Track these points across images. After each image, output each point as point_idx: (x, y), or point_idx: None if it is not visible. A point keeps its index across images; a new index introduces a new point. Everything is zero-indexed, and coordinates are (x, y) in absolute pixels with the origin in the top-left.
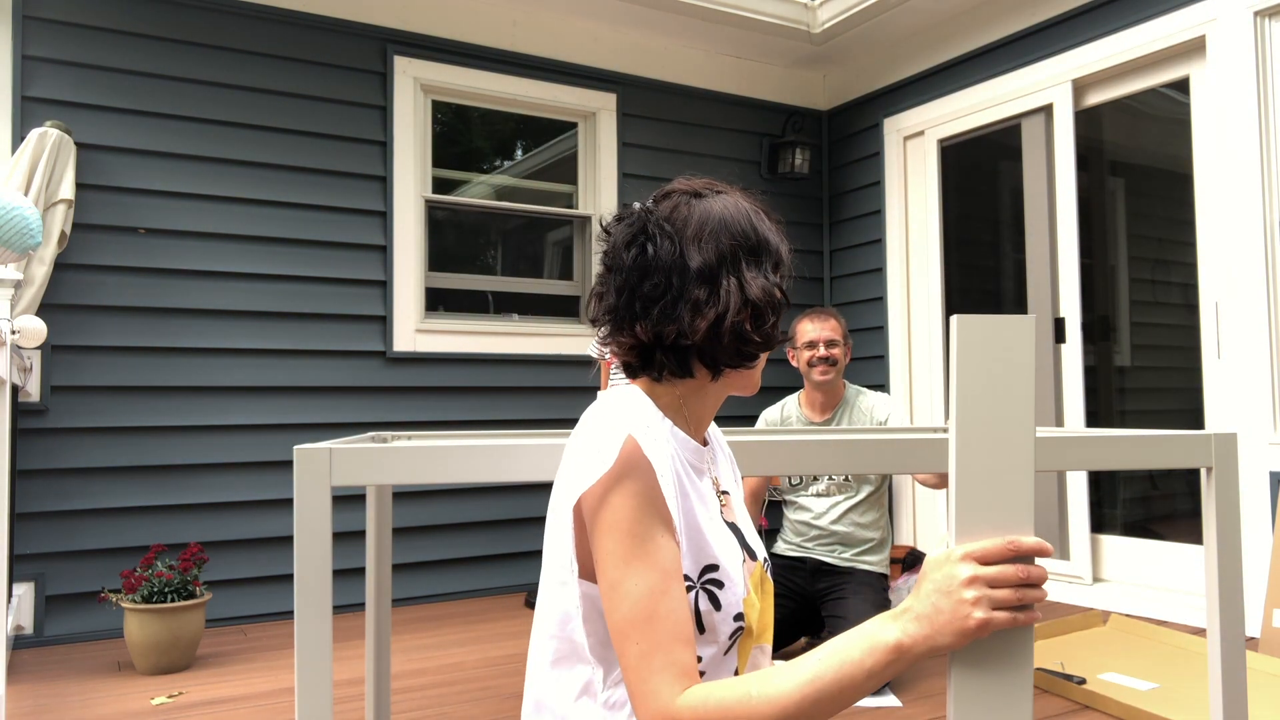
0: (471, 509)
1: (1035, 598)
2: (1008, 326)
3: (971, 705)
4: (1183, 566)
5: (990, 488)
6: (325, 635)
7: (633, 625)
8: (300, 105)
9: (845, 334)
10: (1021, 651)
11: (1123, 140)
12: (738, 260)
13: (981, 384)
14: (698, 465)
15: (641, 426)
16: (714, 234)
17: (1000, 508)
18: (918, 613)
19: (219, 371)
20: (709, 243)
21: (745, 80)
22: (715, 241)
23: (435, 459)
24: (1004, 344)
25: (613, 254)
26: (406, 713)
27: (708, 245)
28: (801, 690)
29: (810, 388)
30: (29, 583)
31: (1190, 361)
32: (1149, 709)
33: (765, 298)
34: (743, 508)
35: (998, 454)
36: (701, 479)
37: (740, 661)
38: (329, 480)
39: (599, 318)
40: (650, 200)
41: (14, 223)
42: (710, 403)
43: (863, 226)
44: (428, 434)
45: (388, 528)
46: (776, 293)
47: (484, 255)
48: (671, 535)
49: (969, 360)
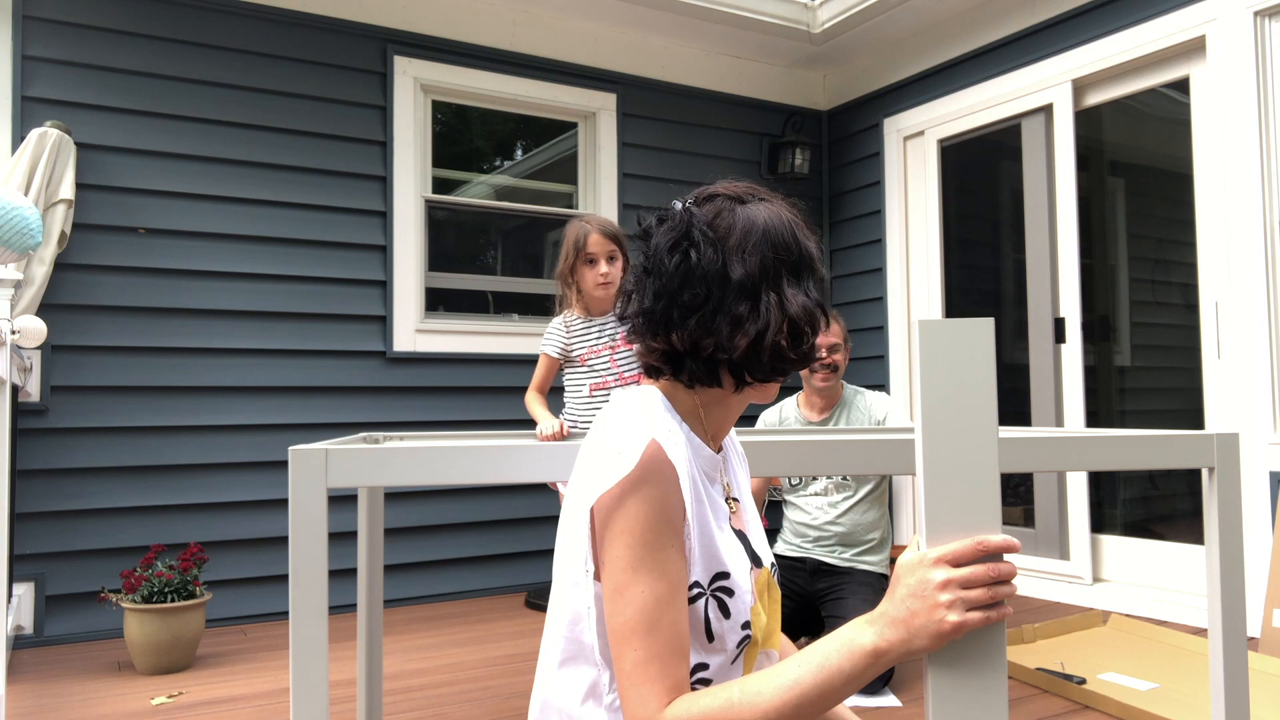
0: (471, 509)
1: (1006, 594)
2: (968, 329)
3: (949, 702)
4: (1183, 566)
5: (957, 487)
6: (321, 636)
7: (634, 632)
8: (300, 105)
9: (846, 337)
10: (995, 645)
11: (1123, 140)
12: (780, 275)
13: (945, 386)
14: (711, 473)
15: (664, 430)
16: (757, 245)
17: (968, 506)
18: (893, 617)
19: (219, 371)
20: (753, 255)
21: (745, 80)
22: (759, 254)
23: (432, 460)
24: (965, 346)
25: (654, 256)
26: (406, 713)
27: (751, 257)
28: (783, 696)
29: (810, 390)
30: (29, 583)
31: (1190, 361)
32: (1149, 709)
33: (805, 316)
34: (753, 512)
35: (963, 453)
36: (714, 486)
37: (746, 668)
38: (324, 481)
39: (630, 317)
40: (691, 200)
41: (14, 223)
42: (732, 413)
43: (863, 226)
44: (423, 435)
45: (379, 528)
46: (817, 311)
47: (484, 255)
48: (681, 547)
49: (932, 363)
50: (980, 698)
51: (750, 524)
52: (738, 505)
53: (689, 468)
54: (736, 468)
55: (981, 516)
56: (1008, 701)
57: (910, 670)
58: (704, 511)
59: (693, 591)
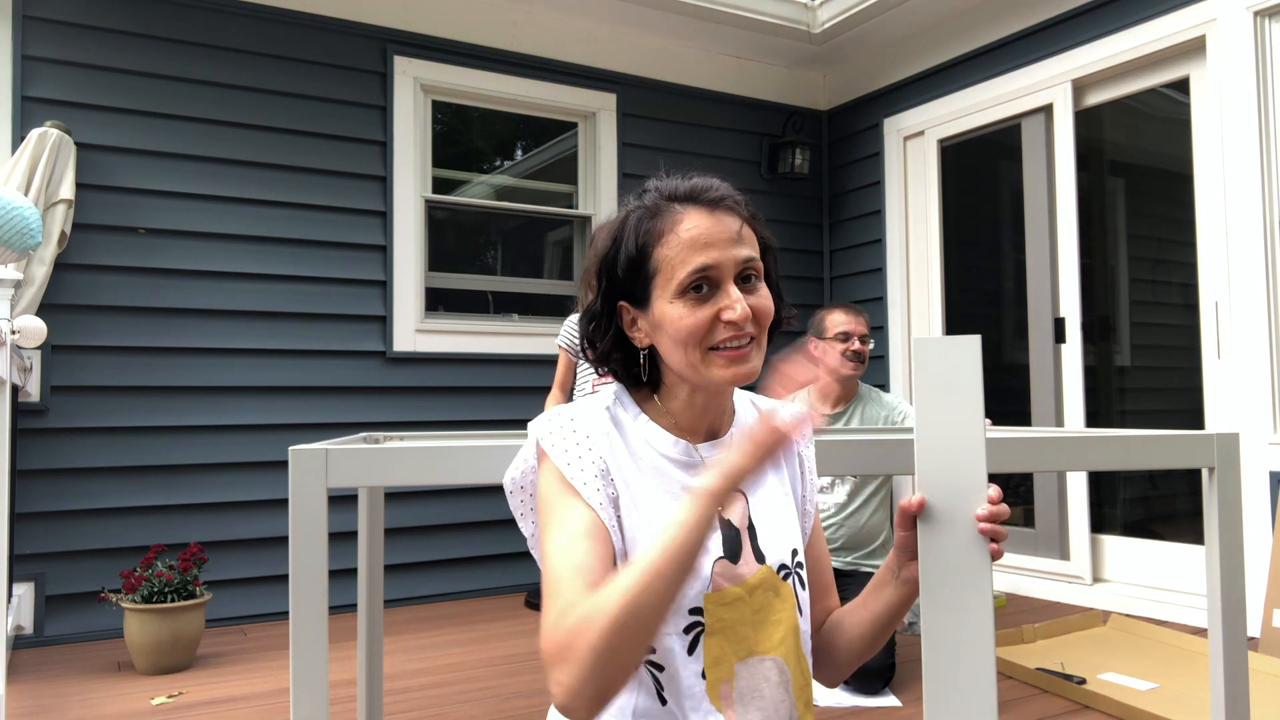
0: (471, 509)
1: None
2: (957, 346)
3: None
4: (1183, 566)
5: (951, 476)
6: (321, 636)
7: (553, 582)
8: (300, 105)
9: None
10: (981, 576)
11: (1123, 140)
12: (590, 285)
13: (938, 396)
14: (685, 460)
15: (581, 416)
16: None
17: (959, 503)
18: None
19: (219, 371)
20: (590, 254)
21: (745, 80)
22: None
23: (432, 460)
24: (954, 361)
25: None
26: (406, 713)
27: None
28: (639, 568)
29: (828, 380)
30: (29, 583)
31: (1190, 361)
32: (1149, 709)
33: (596, 323)
34: (779, 509)
35: (956, 450)
36: (691, 473)
37: (719, 667)
38: (324, 481)
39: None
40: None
41: (14, 223)
42: (695, 403)
43: (863, 226)
44: (423, 435)
45: (379, 528)
46: (605, 320)
47: (484, 255)
48: (584, 502)
49: (925, 376)
50: (966, 625)
51: (766, 520)
52: (738, 497)
53: (609, 453)
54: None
55: (970, 489)
56: (994, 631)
57: (910, 671)
58: (651, 495)
59: None
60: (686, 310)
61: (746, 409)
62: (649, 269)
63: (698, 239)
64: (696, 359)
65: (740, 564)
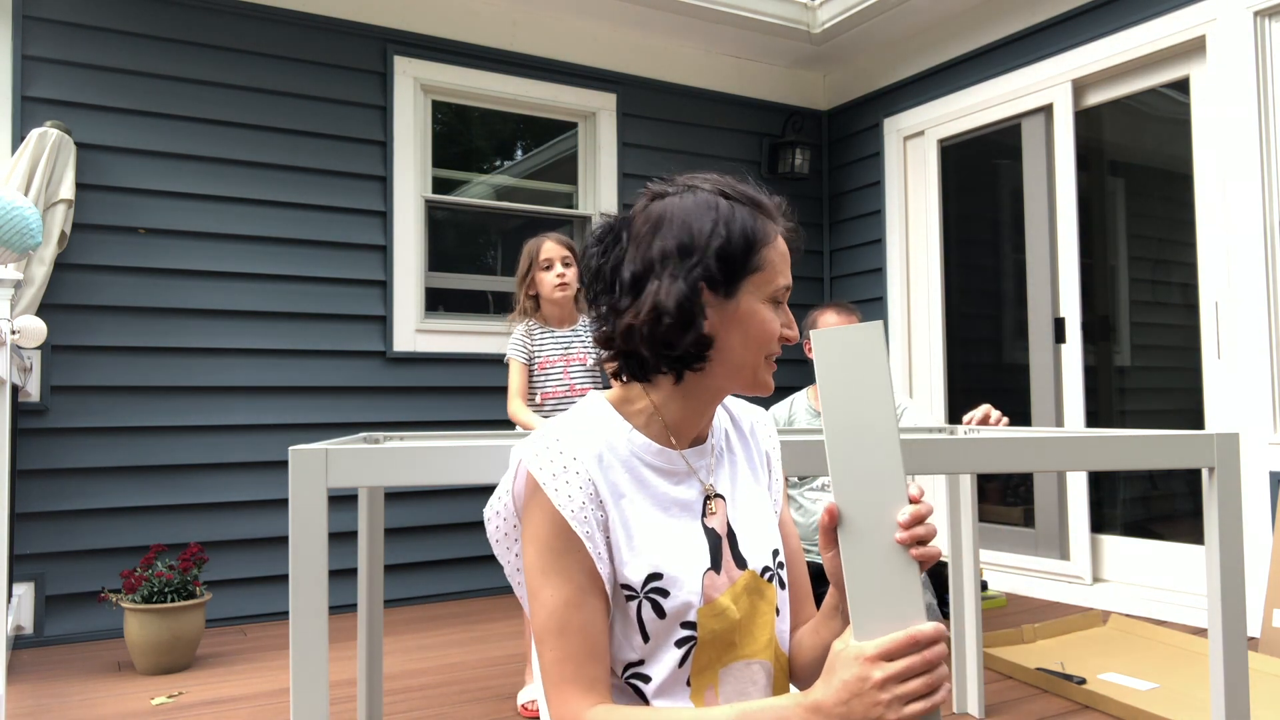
0: (471, 509)
1: (941, 678)
2: (859, 335)
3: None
4: (1183, 566)
5: (864, 480)
6: (321, 636)
7: (549, 632)
8: (300, 105)
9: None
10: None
11: (1123, 140)
12: (666, 264)
13: (843, 391)
14: (670, 469)
15: (567, 440)
16: (661, 236)
17: (874, 495)
18: (830, 710)
19: (219, 371)
20: (650, 247)
21: (745, 80)
22: (659, 244)
23: (432, 460)
24: (858, 353)
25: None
26: (405, 713)
27: (648, 249)
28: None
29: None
30: (29, 583)
31: (1190, 361)
32: (1149, 709)
33: (676, 304)
34: (758, 512)
35: (867, 450)
36: (675, 482)
37: (705, 674)
38: (324, 481)
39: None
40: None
41: (14, 223)
42: (695, 408)
43: (863, 226)
44: (423, 435)
45: (379, 528)
46: (693, 299)
47: (484, 255)
48: (585, 551)
49: (829, 371)
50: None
51: (746, 523)
52: (720, 504)
53: (599, 475)
54: (739, 465)
55: (888, 494)
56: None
57: None
58: (636, 509)
59: (627, 593)
60: (770, 315)
61: (719, 413)
62: (753, 263)
63: (785, 256)
64: (759, 362)
65: (722, 573)
